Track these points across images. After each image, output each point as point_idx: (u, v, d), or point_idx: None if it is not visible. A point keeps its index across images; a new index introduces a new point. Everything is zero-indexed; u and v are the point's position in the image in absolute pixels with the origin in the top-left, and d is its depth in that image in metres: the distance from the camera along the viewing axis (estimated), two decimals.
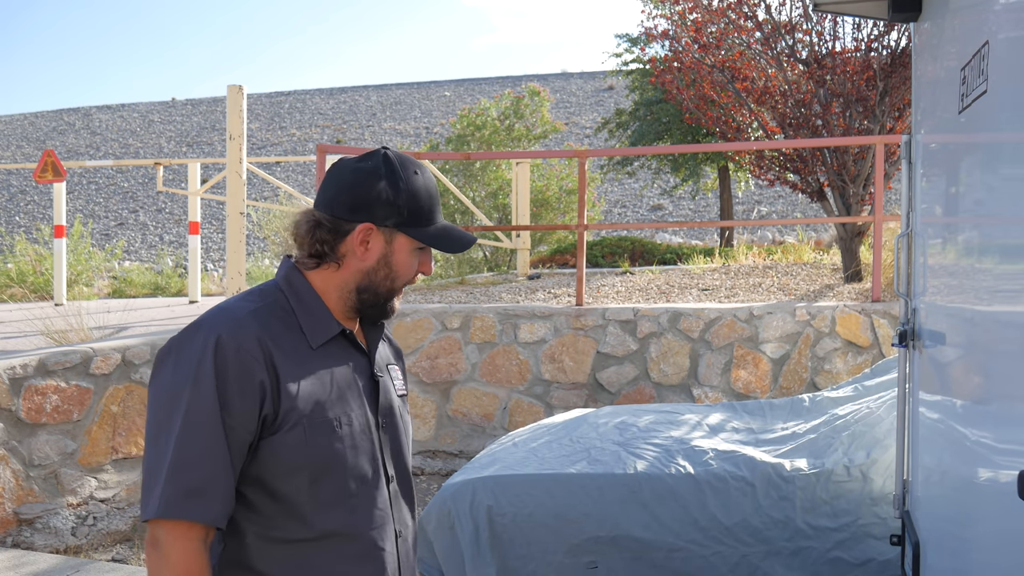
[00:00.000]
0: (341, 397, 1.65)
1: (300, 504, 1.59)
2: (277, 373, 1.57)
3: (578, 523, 3.70)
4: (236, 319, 1.59)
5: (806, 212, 24.01)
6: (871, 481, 3.69)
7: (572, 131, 36.81)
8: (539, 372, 6.55)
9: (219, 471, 1.53)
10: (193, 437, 1.52)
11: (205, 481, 1.52)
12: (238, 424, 1.54)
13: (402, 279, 1.70)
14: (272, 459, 1.57)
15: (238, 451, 1.55)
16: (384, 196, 1.65)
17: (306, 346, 1.64)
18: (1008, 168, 2.01)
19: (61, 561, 4.14)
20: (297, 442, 1.57)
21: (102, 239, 27.06)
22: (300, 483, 1.58)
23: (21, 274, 12.53)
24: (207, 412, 1.52)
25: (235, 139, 6.99)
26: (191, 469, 1.51)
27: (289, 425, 1.57)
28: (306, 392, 1.60)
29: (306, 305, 1.67)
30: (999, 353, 2.09)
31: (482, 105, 17.46)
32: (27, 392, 5.02)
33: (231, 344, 1.55)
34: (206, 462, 1.52)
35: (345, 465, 1.62)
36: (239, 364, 1.54)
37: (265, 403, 1.56)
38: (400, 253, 1.69)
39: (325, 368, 1.64)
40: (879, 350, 6.17)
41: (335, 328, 1.68)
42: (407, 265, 1.70)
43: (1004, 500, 1.89)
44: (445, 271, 14.97)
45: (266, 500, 1.59)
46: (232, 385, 1.54)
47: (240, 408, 1.54)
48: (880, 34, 7.79)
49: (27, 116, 50.83)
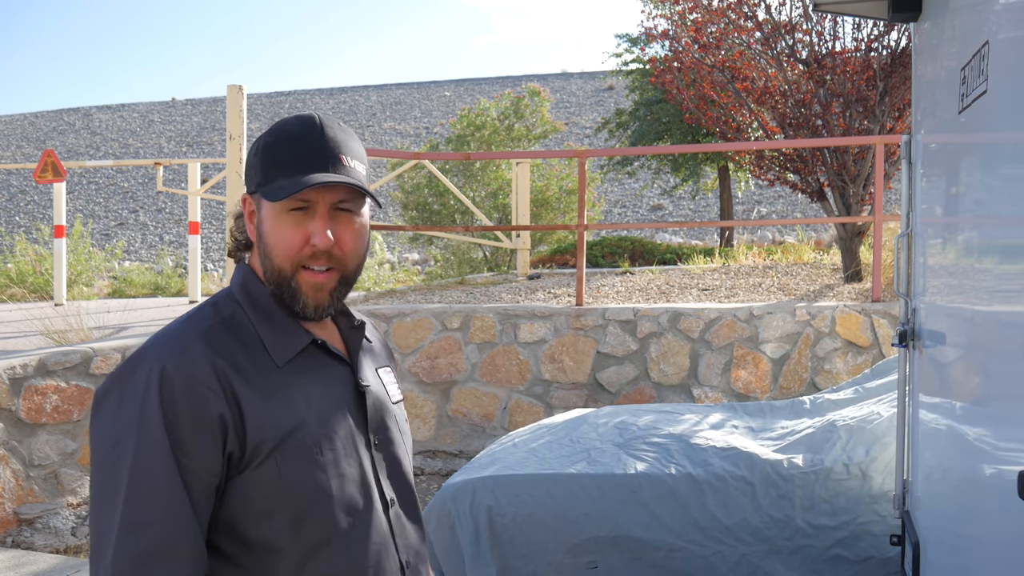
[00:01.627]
0: (320, 419, 1.40)
1: (281, 550, 1.34)
2: (239, 402, 1.34)
3: (578, 523, 3.70)
4: (182, 344, 1.35)
5: (806, 212, 24.02)
6: (870, 479, 3.69)
7: (572, 131, 36.81)
8: (539, 372, 6.55)
9: (180, 527, 1.28)
10: (145, 491, 1.27)
11: (163, 543, 1.27)
12: (199, 467, 1.30)
13: (281, 255, 1.40)
14: (243, 501, 1.34)
15: (203, 497, 1.31)
16: (250, 158, 1.44)
17: (271, 364, 1.40)
18: (1008, 168, 2.01)
19: (61, 561, 4.14)
20: (270, 478, 1.34)
21: (102, 239, 27.07)
22: (279, 526, 1.34)
23: (21, 274, 12.54)
24: (158, 457, 1.28)
25: (235, 139, 6.99)
26: (147, 530, 1.26)
27: (259, 460, 1.34)
28: (275, 419, 1.36)
29: (265, 314, 1.43)
30: (999, 353, 2.09)
31: (482, 105, 17.47)
32: (27, 392, 5.02)
33: (179, 374, 1.31)
34: (162, 519, 1.27)
35: (331, 498, 1.38)
36: (190, 397, 1.31)
37: (228, 439, 1.32)
38: (267, 221, 1.41)
39: (297, 387, 1.40)
40: (879, 350, 6.17)
41: (302, 340, 1.44)
42: (279, 234, 1.40)
43: (1004, 500, 1.89)
44: (445, 271, 14.98)
45: (241, 550, 1.35)
46: (184, 422, 1.30)
47: (197, 448, 1.30)
48: (880, 34, 7.79)
49: (27, 116, 50.83)
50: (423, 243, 17.80)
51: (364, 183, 1.45)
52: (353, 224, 1.44)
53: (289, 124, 1.43)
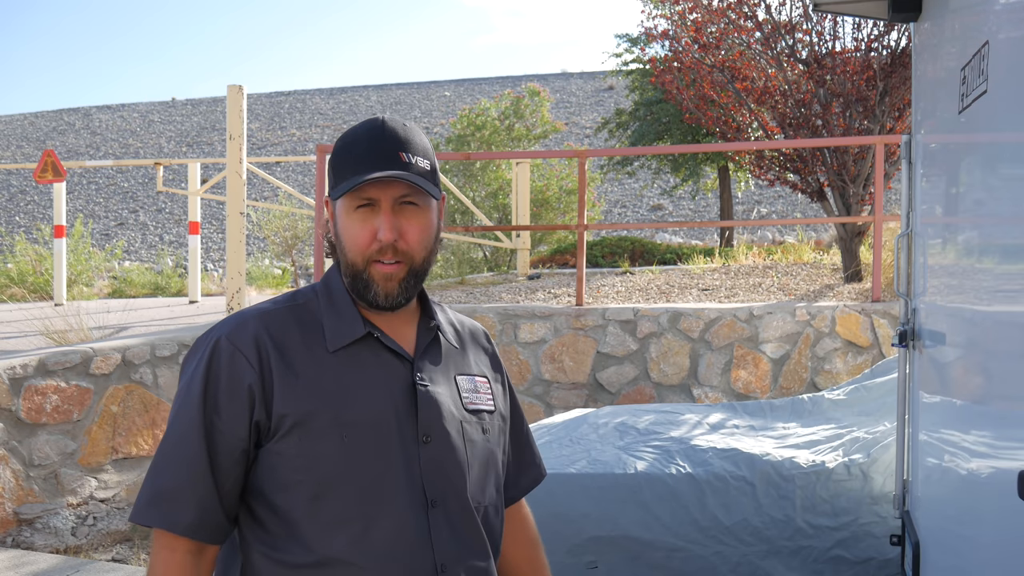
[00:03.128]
0: (358, 406, 1.47)
1: (298, 523, 1.44)
2: (272, 376, 1.45)
3: (578, 523, 3.70)
4: (242, 320, 1.51)
5: (806, 212, 24.02)
6: (871, 480, 3.69)
7: (572, 131, 36.81)
8: (539, 372, 6.55)
9: (194, 477, 1.43)
10: (175, 440, 1.45)
11: (174, 486, 1.43)
12: (227, 429, 1.44)
13: (353, 250, 1.49)
14: (269, 471, 1.46)
15: (228, 459, 1.45)
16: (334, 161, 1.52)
17: (324, 349, 1.49)
18: (1008, 168, 2.01)
19: (61, 561, 4.14)
20: (292, 452, 1.44)
21: (102, 239, 27.07)
22: (297, 499, 1.44)
23: (21, 274, 12.53)
24: (191, 414, 1.45)
25: (235, 139, 6.99)
26: (162, 473, 1.44)
27: (282, 432, 1.44)
28: (305, 397, 1.45)
29: (335, 306, 1.54)
30: (999, 353, 2.09)
31: (482, 105, 17.47)
32: (27, 392, 5.02)
33: (227, 346, 1.47)
34: (182, 466, 1.43)
35: (352, 482, 1.44)
36: (231, 367, 1.46)
37: (255, 408, 1.45)
38: (339, 219, 1.51)
39: (342, 373, 1.48)
40: (879, 350, 6.17)
41: (358, 330, 1.51)
42: (350, 230, 1.49)
43: (1004, 500, 1.89)
44: (445, 271, 14.98)
45: (270, 515, 1.46)
46: (222, 388, 1.45)
47: (228, 412, 1.44)
48: (880, 34, 7.79)
49: (27, 116, 50.84)
50: None
51: (426, 176, 1.51)
52: (418, 218, 1.51)
53: (356, 128, 1.53)
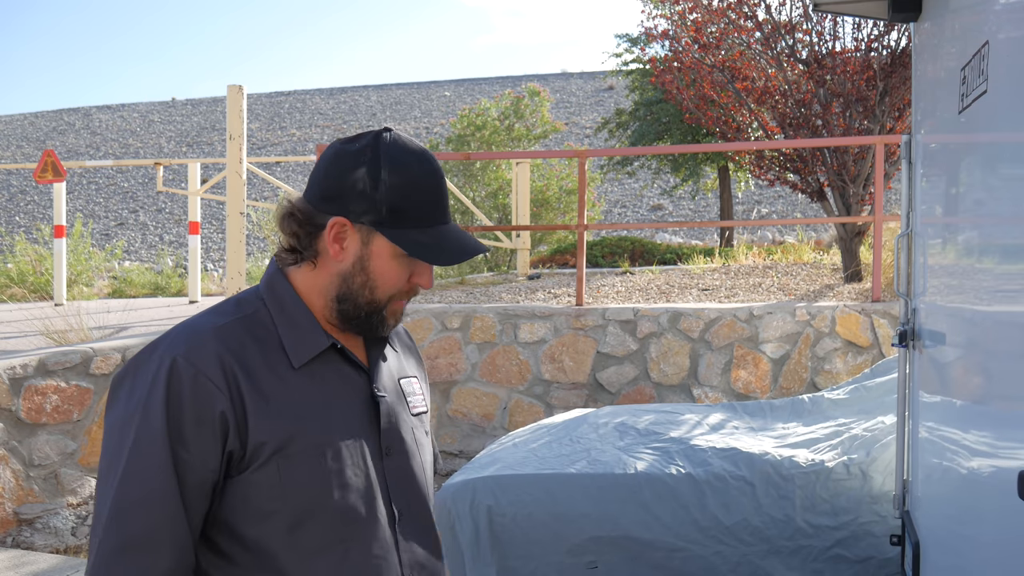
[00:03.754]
0: (329, 425, 1.39)
1: (276, 554, 1.34)
2: (243, 401, 1.33)
3: (578, 523, 3.70)
4: (197, 337, 1.36)
5: (806, 212, 24.01)
6: (871, 479, 3.69)
7: (572, 131, 36.81)
8: (539, 372, 6.55)
9: (167, 517, 1.30)
10: (137, 477, 1.29)
11: (148, 530, 1.29)
12: (196, 461, 1.31)
13: (383, 290, 1.42)
14: (241, 502, 1.34)
15: (197, 492, 1.32)
16: (360, 186, 1.38)
17: (286, 366, 1.39)
18: (1008, 168, 2.01)
19: (61, 561, 4.14)
20: (270, 482, 1.33)
21: (102, 239, 27.06)
22: (275, 529, 1.34)
23: (21, 274, 12.52)
24: (154, 446, 1.30)
25: (235, 139, 6.99)
26: (133, 516, 1.29)
27: (260, 462, 1.33)
28: (281, 422, 1.35)
29: (288, 316, 1.42)
30: (999, 353, 2.09)
31: (482, 105, 17.47)
32: (27, 392, 5.02)
33: (187, 368, 1.32)
34: (151, 507, 1.29)
35: (332, 506, 1.37)
36: (196, 391, 1.32)
37: (229, 437, 1.32)
38: (379, 258, 1.41)
39: (309, 391, 1.39)
40: (879, 350, 6.17)
41: (322, 342, 1.42)
42: (389, 274, 1.42)
43: (1004, 500, 1.89)
44: (445, 271, 14.97)
45: (237, 549, 1.35)
46: (188, 416, 1.31)
47: (197, 443, 1.31)
48: (880, 34, 7.79)
49: (27, 116, 50.83)
50: None
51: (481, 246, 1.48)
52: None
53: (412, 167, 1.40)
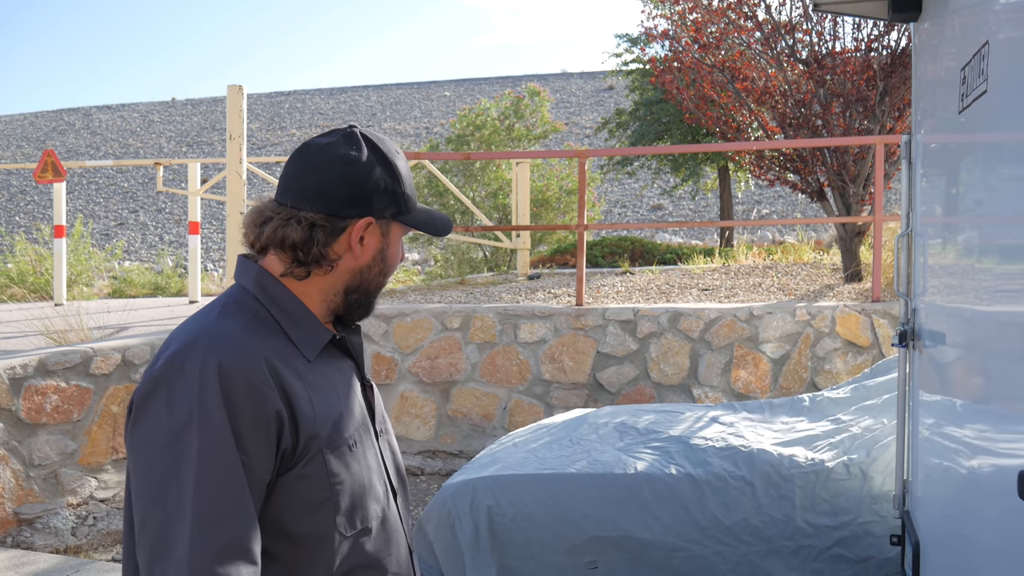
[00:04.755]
0: (348, 412, 1.46)
1: (325, 541, 1.38)
2: (290, 398, 1.36)
3: (578, 523, 3.70)
4: (233, 339, 1.35)
5: (806, 212, 24.01)
6: (871, 479, 3.69)
7: (572, 131, 36.80)
8: (539, 372, 6.55)
9: (249, 521, 1.29)
10: (215, 487, 1.27)
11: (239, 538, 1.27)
12: (256, 464, 1.31)
13: (392, 272, 1.54)
14: (290, 497, 1.36)
15: (257, 495, 1.32)
16: (383, 185, 1.47)
17: (303, 360, 1.43)
18: (1008, 168, 2.01)
19: (61, 561, 4.14)
20: (318, 473, 1.37)
21: (102, 239, 27.06)
22: (324, 518, 1.38)
23: (21, 274, 12.53)
24: (225, 453, 1.28)
25: (235, 139, 6.99)
26: (224, 524, 1.26)
27: (309, 456, 1.37)
28: (320, 414, 1.40)
29: (290, 315, 1.45)
30: (999, 353, 2.09)
31: (482, 105, 17.46)
32: (27, 392, 5.02)
33: (237, 371, 1.32)
34: (236, 515, 1.28)
35: (367, 488, 1.44)
36: (251, 393, 1.31)
37: (283, 436, 1.34)
38: (395, 244, 1.52)
39: (327, 382, 1.45)
40: (879, 350, 6.17)
41: (326, 335, 1.47)
42: (398, 256, 1.54)
43: (1004, 500, 1.89)
44: (445, 271, 14.97)
45: (283, 545, 1.36)
46: (244, 419, 1.30)
47: (255, 445, 1.31)
48: (880, 34, 7.79)
49: (27, 116, 50.83)
50: (423, 243, 17.79)
51: None
52: None
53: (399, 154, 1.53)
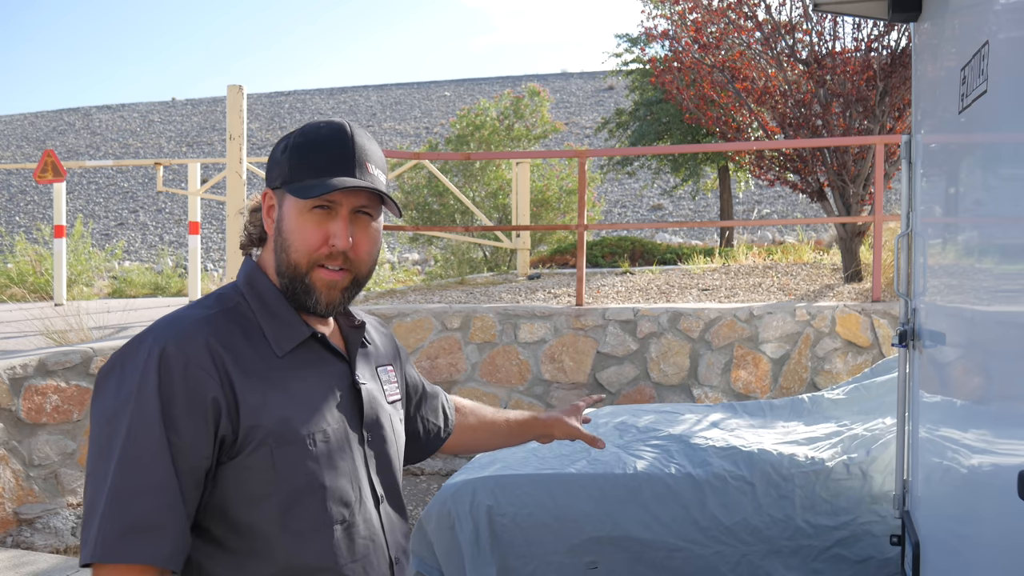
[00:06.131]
0: (315, 411, 1.44)
1: (270, 537, 1.39)
2: (233, 387, 1.38)
3: (578, 523, 3.70)
4: (184, 327, 1.40)
5: (806, 212, 24.01)
6: (871, 479, 3.69)
7: (572, 131, 36.80)
8: (539, 372, 6.55)
9: (167, 503, 1.32)
10: (135, 464, 1.32)
11: (151, 515, 1.31)
12: (189, 448, 1.35)
13: (297, 249, 1.45)
14: (235, 487, 1.38)
15: (191, 479, 1.35)
16: (277, 156, 1.49)
17: (271, 355, 1.44)
18: (1008, 168, 2.01)
19: (61, 561, 4.14)
20: (263, 465, 1.38)
21: (102, 239, 27.06)
22: (269, 512, 1.39)
23: (21, 274, 12.54)
24: (150, 434, 1.32)
25: (235, 139, 6.99)
26: (133, 501, 1.31)
27: (252, 446, 1.38)
28: (271, 407, 1.40)
29: (269, 308, 1.48)
30: (999, 353, 2.09)
31: (482, 105, 17.46)
32: (27, 392, 5.02)
33: (178, 356, 1.35)
34: (152, 493, 1.32)
35: (322, 488, 1.43)
36: (187, 379, 1.35)
37: (221, 423, 1.36)
38: (289, 217, 1.45)
39: (295, 379, 1.44)
40: (879, 350, 6.17)
41: (303, 332, 1.48)
42: (300, 230, 1.44)
43: (1004, 500, 1.89)
44: (445, 271, 14.98)
45: (231, 535, 1.39)
46: (180, 403, 1.34)
47: (190, 429, 1.35)
48: (880, 34, 7.78)
49: (27, 116, 50.83)
50: (423, 243, 17.79)
51: (386, 191, 1.51)
52: (370, 229, 1.51)
53: (320, 128, 1.49)
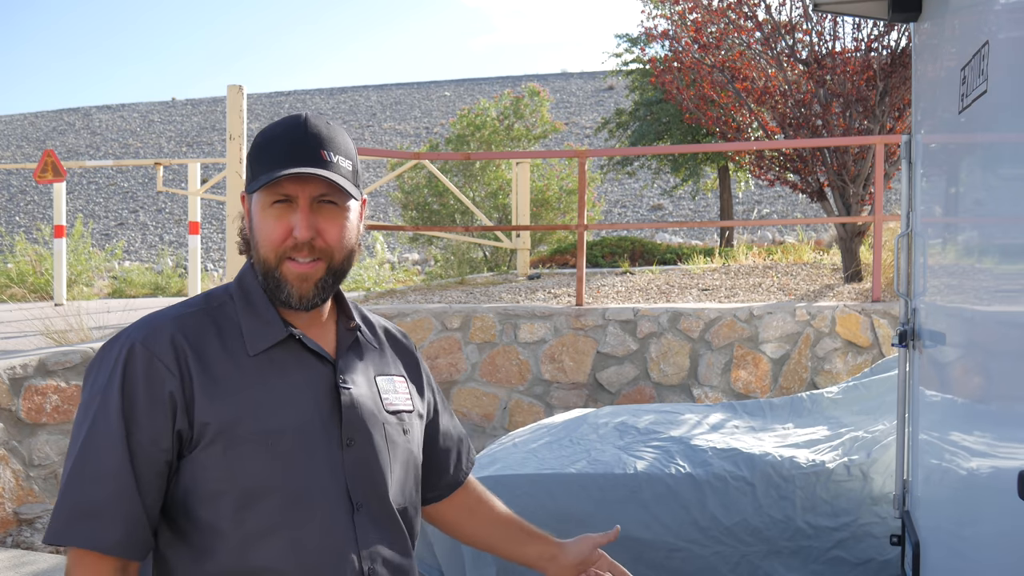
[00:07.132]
0: (282, 411, 1.44)
1: (224, 534, 1.40)
2: (192, 383, 1.40)
3: (578, 523, 3.70)
4: (156, 325, 1.45)
5: (806, 212, 24.00)
6: (871, 480, 3.69)
7: (572, 131, 36.79)
8: (539, 372, 6.55)
9: (118, 492, 1.36)
10: (92, 453, 1.37)
11: (99, 502, 1.35)
12: (148, 440, 1.39)
13: (264, 244, 1.46)
14: (192, 482, 1.41)
15: (150, 471, 1.39)
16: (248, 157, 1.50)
17: (243, 353, 1.45)
18: (1008, 168, 2.01)
19: (61, 561, 4.14)
20: (216, 463, 1.40)
21: (102, 239, 27.06)
22: (224, 510, 1.40)
23: (21, 274, 12.53)
24: (109, 425, 1.38)
25: (235, 139, 6.99)
26: (84, 488, 1.36)
27: (205, 443, 1.40)
28: (227, 404, 1.41)
29: (253, 307, 1.49)
30: (999, 353, 2.09)
31: (482, 105, 17.45)
32: (27, 392, 5.02)
33: (143, 352, 1.41)
34: (101, 481, 1.36)
35: (278, 488, 1.41)
36: (148, 373, 1.40)
37: (177, 417, 1.40)
38: (255, 215, 1.48)
39: (264, 378, 1.45)
40: (879, 350, 6.17)
41: (279, 333, 1.48)
42: (262, 226, 1.46)
43: (1004, 500, 1.89)
44: (445, 271, 14.97)
45: (191, 528, 1.41)
46: (141, 398, 1.39)
47: (149, 423, 1.39)
48: (880, 34, 7.78)
49: (27, 116, 50.82)
50: (423, 243, 17.78)
51: (347, 177, 1.47)
52: (336, 217, 1.48)
53: (276, 123, 1.50)
